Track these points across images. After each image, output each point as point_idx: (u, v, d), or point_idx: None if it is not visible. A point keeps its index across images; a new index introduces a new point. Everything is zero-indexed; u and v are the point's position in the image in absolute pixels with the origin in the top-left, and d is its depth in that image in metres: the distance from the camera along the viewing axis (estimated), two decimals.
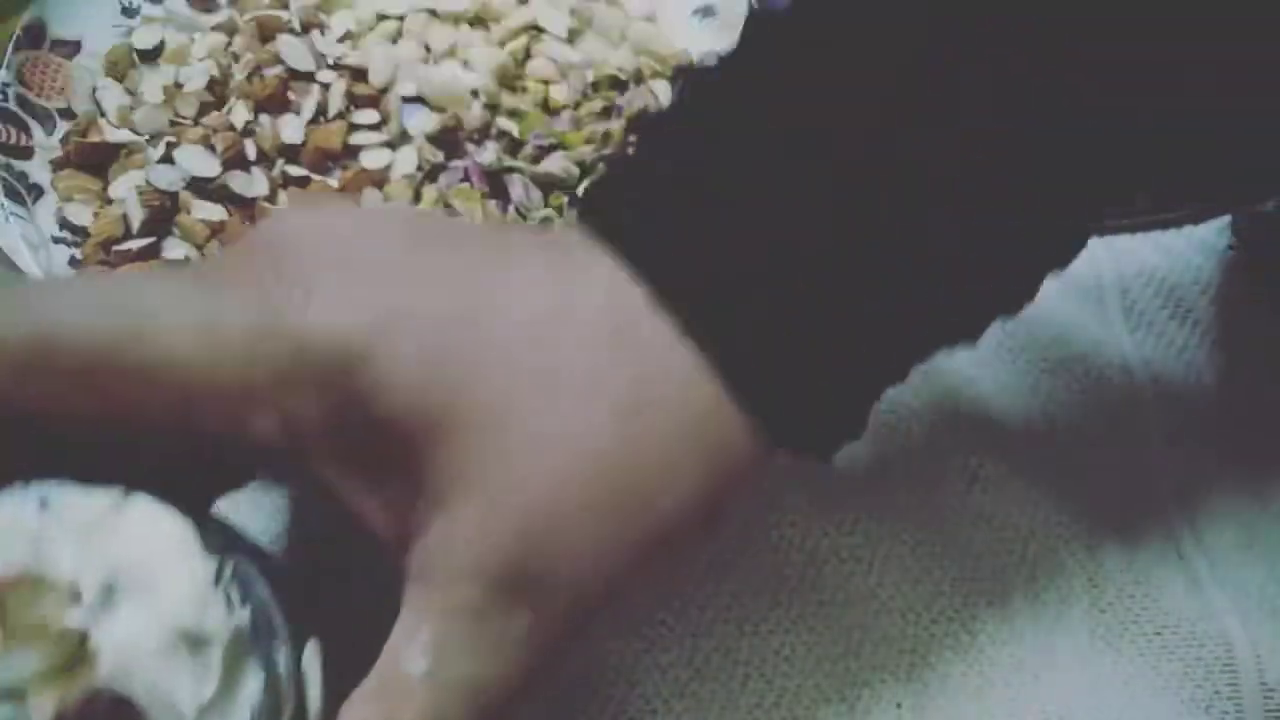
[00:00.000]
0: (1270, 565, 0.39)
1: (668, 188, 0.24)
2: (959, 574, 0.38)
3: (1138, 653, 0.37)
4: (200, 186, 0.40)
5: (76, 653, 0.21)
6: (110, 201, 0.40)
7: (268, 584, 0.24)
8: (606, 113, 0.43)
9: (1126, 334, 0.44)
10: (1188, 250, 0.46)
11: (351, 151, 0.43)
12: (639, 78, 0.44)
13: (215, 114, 0.42)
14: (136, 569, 0.22)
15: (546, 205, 0.41)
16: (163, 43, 0.44)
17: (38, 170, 0.40)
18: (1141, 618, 0.38)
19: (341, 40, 0.45)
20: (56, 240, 0.39)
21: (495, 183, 0.41)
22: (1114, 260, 0.46)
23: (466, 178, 0.41)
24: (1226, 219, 0.46)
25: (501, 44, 0.45)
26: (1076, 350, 0.43)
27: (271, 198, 0.41)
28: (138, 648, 0.21)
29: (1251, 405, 0.43)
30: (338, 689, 0.23)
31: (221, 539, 0.24)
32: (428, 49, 0.46)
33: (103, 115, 0.42)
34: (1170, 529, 0.40)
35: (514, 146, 0.42)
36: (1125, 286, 0.45)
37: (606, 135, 0.42)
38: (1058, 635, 0.37)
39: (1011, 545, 0.39)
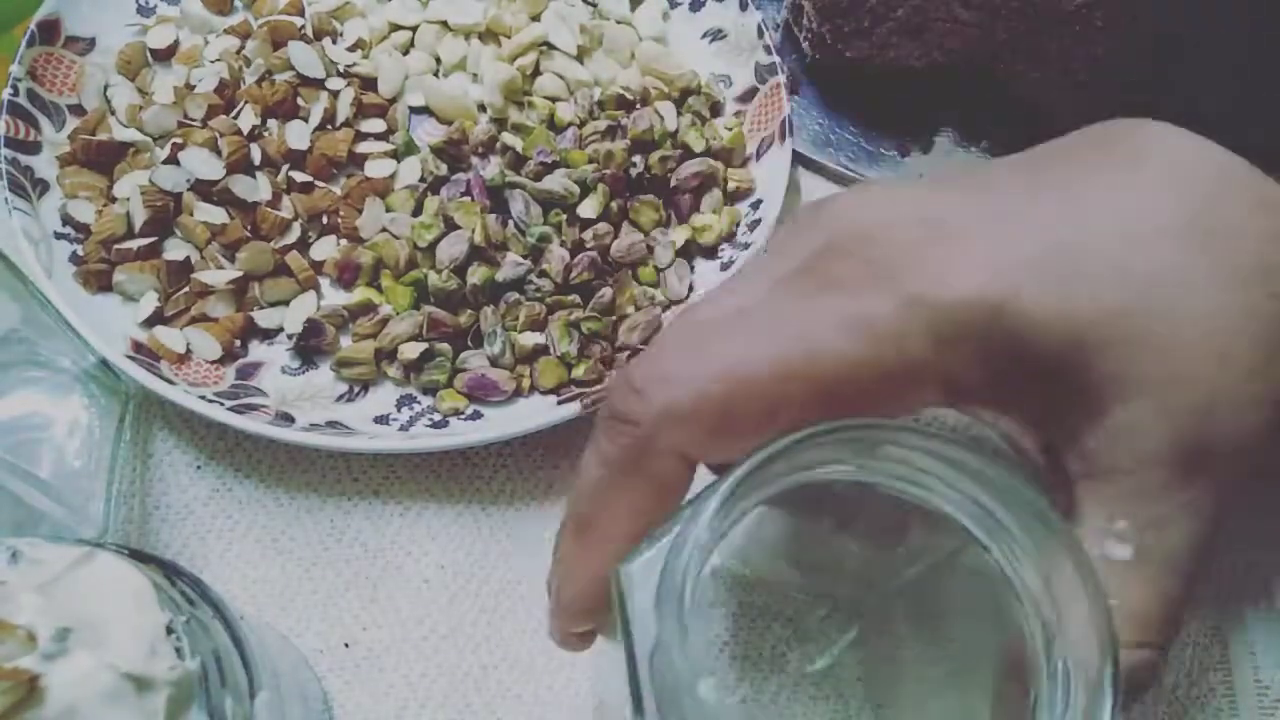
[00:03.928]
0: (1265, 562, 0.39)
1: None
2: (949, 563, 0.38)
3: None
4: (203, 189, 0.40)
5: (27, 693, 0.22)
6: (114, 200, 0.40)
7: (230, 638, 0.25)
8: (611, 132, 0.43)
9: None
10: None
11: (356, 160, 0.43)
12: (645, 98, 0.44)
13: (223, 117, 0.42)
14: (92, 618, 0.23)
15: (545, 222, 0.41)
16: (177, 42, 0.45)
17: (44, 165, 0.40)
18: None
19: (352, 49, 0.45)
20: (59, 236, 0.39)
21: (496, 197, 0.41)
22: None
23: (468, 191, 0.41)
24: None
25: (511, 59, 0.45)
26: None
27: (274, 202, 0.41)
28: (85, 689, 0.22)
29: None
30: None
31: (188, 592, 0.25)
32: (438, 61, 0.46)
33: (112, 113, 0.42)
34: None
35: (517, 162, 0.42)
36: None
37: (609, 155, 0.42)
38: None
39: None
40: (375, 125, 0.44)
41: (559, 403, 0.38)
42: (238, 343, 0.39)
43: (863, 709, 0.28)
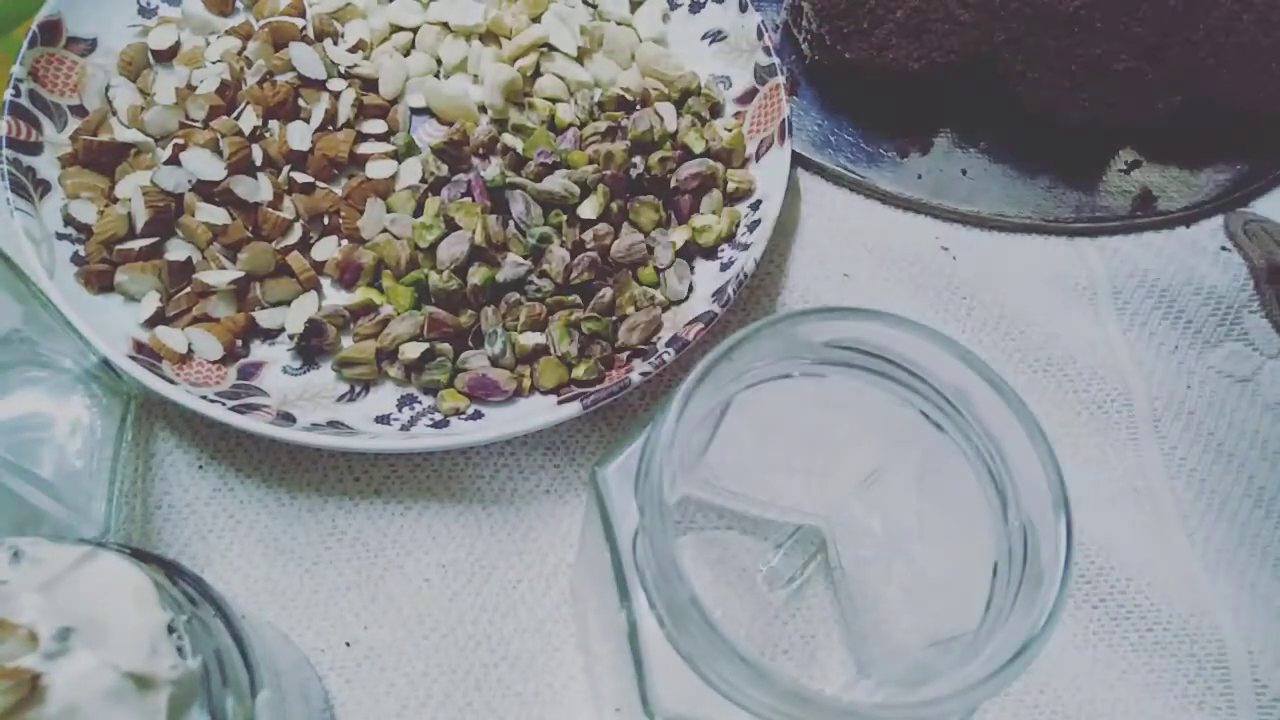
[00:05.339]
0: (1263, 562, 0.39)
1: None
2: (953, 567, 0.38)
3: (1130, 648, 0.38)
4: (205, 189, 0.40)
5: (28, 692, 0.22)
6: (115, 200, 0.40)
7: (232, 637, 0.25)
8: (611, 133, 0.43)
9: (1119, 333, 0.44)
10: (1180, 251, 0.46)
11: (357, 160, 0.43)
12: (645, 99, 0.44)
13: (224, 118, 0.42)
14: (94, 617, 0.23)
15: (546, 222, 0.41)
16: (178, 43, 0.45)
17: (46, 166, 0.40)
18: (1135, 614, 0.38)
19: (353, 50, 0.45)
20: (60, 236, 0.39)
21: (497, 198, 0.41)
22: (1106, 261, 0.46)
23: (469, 192, 0.42)
24: (1219, 220, 0.47)
25: (512, 60, 0.45)
26: (1069, 350, 0.43)
27: (275, 203, 0.41)
28: (87, 688, 0.22)
29: (1245, 403, 0.43)
30: None
31: (190, 591, 0.25)
32: (439, 62, 0.46)
33: (114, 114, 0.43)
34: (1164, 526, 0.40)
35: (517, 163, 0.42)
36: (1118, 287, 0.45)
37: (609, 156, 0.42)
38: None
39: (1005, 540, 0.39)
40: (376, 126, 0.44)
41: (559, 403, 0.38)
42: (239, 343, 0.39)
43: (833, 621, 0.28)
